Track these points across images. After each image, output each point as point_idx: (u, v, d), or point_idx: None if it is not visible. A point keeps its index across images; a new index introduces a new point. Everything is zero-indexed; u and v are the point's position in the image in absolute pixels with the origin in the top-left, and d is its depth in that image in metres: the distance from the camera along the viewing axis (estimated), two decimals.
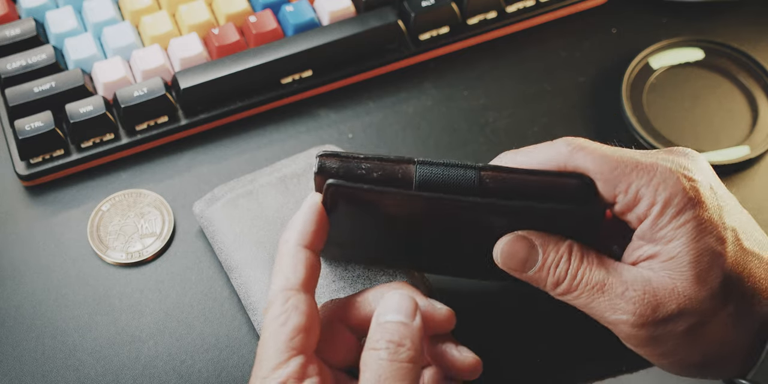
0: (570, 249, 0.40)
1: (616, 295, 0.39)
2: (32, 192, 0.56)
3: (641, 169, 0.39)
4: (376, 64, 0.60)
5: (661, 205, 0.38)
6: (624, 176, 0.39)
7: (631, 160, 0.39)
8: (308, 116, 0.59)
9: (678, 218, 0.38)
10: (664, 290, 0.38)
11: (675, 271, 0.38)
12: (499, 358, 0.50)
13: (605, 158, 0.39)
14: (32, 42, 0.58)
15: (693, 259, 0.38)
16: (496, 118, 0.59)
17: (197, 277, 0.53)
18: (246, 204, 0.51)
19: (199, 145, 0.58)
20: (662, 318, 0.38)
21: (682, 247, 0.38)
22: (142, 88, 0.55)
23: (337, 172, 0.40)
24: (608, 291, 0.39)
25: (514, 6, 0.62)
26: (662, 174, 0.39)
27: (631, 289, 0.39)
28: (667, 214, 0.38)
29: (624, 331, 0.39)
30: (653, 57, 0.61)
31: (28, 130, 0.54)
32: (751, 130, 0.58)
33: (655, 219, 0.39)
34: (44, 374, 0.49)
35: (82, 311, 0.51)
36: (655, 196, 0.38)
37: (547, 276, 0.41)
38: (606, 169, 0.39)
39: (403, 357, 0.37)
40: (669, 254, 0.39)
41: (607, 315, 0.39)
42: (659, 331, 0.39)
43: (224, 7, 0.60)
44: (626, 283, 0.39)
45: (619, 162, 0.39)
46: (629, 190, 0.39)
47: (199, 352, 0.50)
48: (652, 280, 0.39)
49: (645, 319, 0.38)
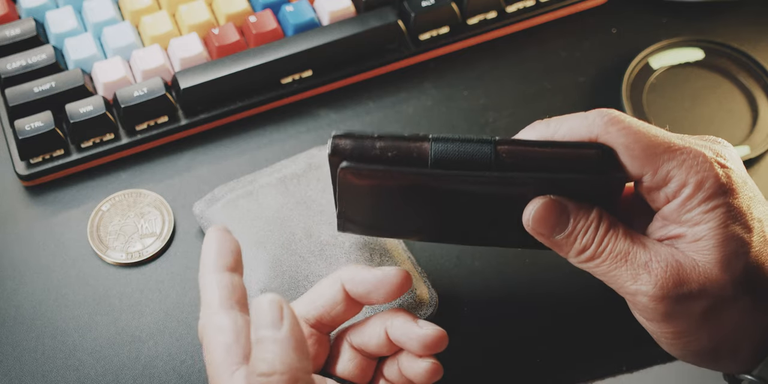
0: (599, 216, 0.40)
1: (639, 265, 0.39)
2: (32, 192, 0.56)
3: (675, 150, 0.39)
4: (376, 64, 0.60)
5: (692, 187, 0.38)
6: (656, 156, 0.39)
7: (665, 141, 0.39)
8: (308, 116, 0.59)
9: (708, 202, 0.38)
10: (688, 268, 0.38)
11: (699, 253, 0.38)
12: (499, 358, 0.50)
13: (639, 135, 0.39)
14: (32, 42, 0.58)
15: (718, 244, 0.38)
16: (496, 118, 0.59)
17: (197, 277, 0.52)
18: (246, 204, 0.51)
19: (199, 145, 0.58)
20: (683, 294, 0.38)
21: (708, 231, 0.38)
22: (142, 88, 0.55)
23: (351, 153, 0.39)
24: (632, 260, 0.39)
25: (514, 6, 0.62)
26: (696, 157, 0.39)
27: (654, 260, 0.38)
28: (697, 197, 0.38)
29: (642, 302, 0.39)
30: (653, 57, 0.61)
31: (28, 130, 0.54)
32: (751, 130, 0.58)
33: (685, 200, 0.38)
34: (44, 374, 0.49)
35: (82, 311, 0.51)
36: (686, 178, 0.38)
37: (573, 242, 0.40)
38: (638, 147, 0.39)
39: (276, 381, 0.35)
40: (695, 236, 0.39)
41: (628, 284, 0.39)
42: (677, 308, 0.39)
43: (224, 7, 0.60)
44: (650, 254, 0.39)
45: (653, 140, 0.39)
46: (660, 170, 0.39)
47: (199, 352, 0.50)
48: (677, 257, 0.39)
49: (666, 292, 0.38)
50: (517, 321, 0.51)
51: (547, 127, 0.41)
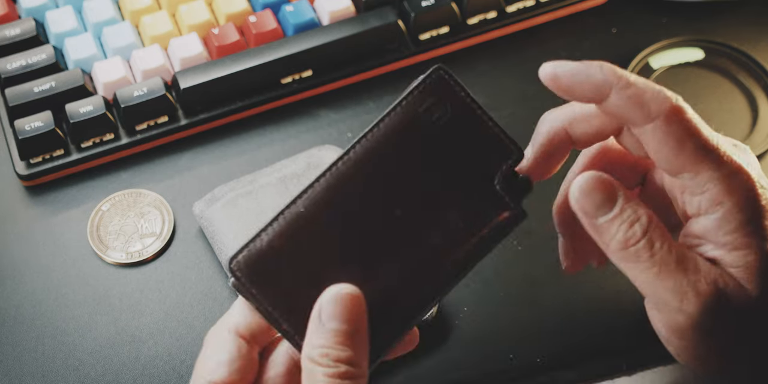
0: (651, 216, 0.37)
1: (689, 282, 0.36)
2: (32, 192, 0.56)
3: (721, 161, 0.36)
4: (376, 64, 0.60)
5: (731, 206, 0.36)
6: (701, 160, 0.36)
7: (717, 148, 0.36)
8: (308, 116, 0.59)
9: (748, 226, 0.36)
10: (735, 294, 0.36)
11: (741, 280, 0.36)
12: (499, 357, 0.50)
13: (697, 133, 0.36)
14: (32, 42, 0.58)
15: (759, 272, 0.36)
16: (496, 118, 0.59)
17: (197, 277, 0.53)
18: (246, 204, 0.51)
19: (199, 145, 0.58)
20: (725, 321, 0.36)
21: (749, 258, 0.36)
22: (142, 88, 0.55)
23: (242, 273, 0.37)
24: (681, 276, 0.36)
25: (514, 6, 0.62)
26: (740, 175, 0.36)
27: (704, 280, 0.36)
28: (736, 218, 0.36)
29: (678, 320, 0.37)
30: (653, 57, 0.61)
31: (28, 130, 0.54)
32: (751, 130, 0.58)
33: (721, 219, 0.36)
34: (44, 374, 0.49)
35: (82, 311, 0.51)
36: (725, 194, 0.36)
37: (618, 230, 0.37)
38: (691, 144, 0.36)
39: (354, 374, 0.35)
40: (733, 263, 0.36)
41: (672, 301, 0.36)
42: (714, 333, 0.37)
43: (224, 7, 0.60)
44: (700, 274, 0.36)
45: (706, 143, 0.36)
46: (699, 176, 0.36)
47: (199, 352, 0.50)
48: (725, 279, 0.36)
49: (707, 316, 0.36)
50: (517, 321, 0.51)
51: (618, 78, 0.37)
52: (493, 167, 0.38)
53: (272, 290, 0.37)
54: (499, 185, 0.38)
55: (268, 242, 0.37)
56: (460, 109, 0.38)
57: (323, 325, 0.36)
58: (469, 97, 0.39)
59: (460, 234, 0.38)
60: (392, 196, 0.38)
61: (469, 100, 0.38)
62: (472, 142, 0.38)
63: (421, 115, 0.38)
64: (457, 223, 0.38)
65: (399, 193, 0.38)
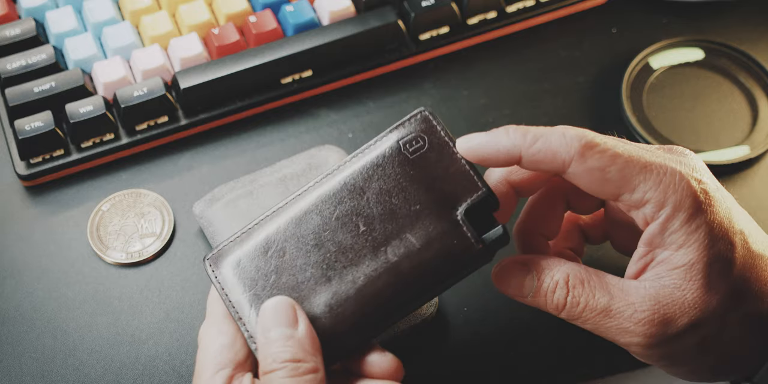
0: (566, 274, 0.40)
1: (625, 319, 0.38)
2: (32, 192, 0.56)
3: (650, 170, 0.38)
4: (376, 64, 0.60)
5: (671, 208, 0.38)
6: (632, 177, 0.38)
7: (640, 160, 0.38)
8: (308, 116, 0.59)
9: (690, 224, 0.37)
10: (674, 305, 0.38)
11: (684, 280, 0.38)
12: (499, 357, 0.50)
13: (614, 157, 0.38)
14: (32, 42, 0.58)
15: (704, 268, 0.37)
16: (496, 118, 0.59)
17: (197, 277, 0.53)
18: (246, 204, 0.51)
19: (199, 145, 0.58)
20: (674, 334, 0.38)
21: (693, 255, 0.37)
22: (142, 88, 0.55)
23: None
24: (615, 316, 0.38)
25: (514, 6, 0.62)
26: (672, 176, 0.38)
27: (639, 310, 0.38)
28: (678, 218, 0.38)
29: (638, 352, 0.39)
30: (653, 57, 0.61)
31: (28, 130, 0.54)
32: (751, 130, 0.58)
33: (665, 222, 0.38)
34: (44, 374, 0.49)
35: (82, 311, 0.51)
36: (664, 198, 0.38)
37: (545, 301, 0.40)
38: (614, 169, 0.38)
39: (303, 370, 0.37)
40: (678, 262, 0.38)
41: (618, 338, 0.39)
42: (672, 347, 0.38)
43: (224, 7, 0.60)
44: (634, 305, 0.38)
45: (628, 162, 0.38)
46: (636, 191, 0.38)
47: None
48: (660, 296, 0.38)
49: (657, 338, 0.38)
50: (517, 321, 0.51)
51: (524, 138, 0.39)
52: (459, 199, 0.40)
53: (237, 286, 0.41)
54: (460, 216, 0.40)
55: (241, 244, 0.42)
56: (437, 143, 0.41)
57: (267, 338, 0.38)
58: (447, 135, 0.42)
59: (414, 253, 0.40)
60: (359, 212, 0.41)
61: (446, 138, 0.42)
62: (443, 174, 0.41)
63: (401, 145, 0.42)
64: (413, 242, 0.40)
65: (366, 210, 0.41)
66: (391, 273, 0.40)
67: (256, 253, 0.41)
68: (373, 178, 0.41)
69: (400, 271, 0.40)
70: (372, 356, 0.40)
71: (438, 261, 0.40)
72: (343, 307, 0.40)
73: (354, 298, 0.40)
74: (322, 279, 0.40)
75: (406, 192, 0.41)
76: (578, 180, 0.39)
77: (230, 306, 0.40)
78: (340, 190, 0.41)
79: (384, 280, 0.40)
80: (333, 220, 0.41)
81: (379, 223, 0.40)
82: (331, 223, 0.41)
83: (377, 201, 0.41)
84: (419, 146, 0.41)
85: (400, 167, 0.41)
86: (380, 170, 0.41)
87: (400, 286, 0.40)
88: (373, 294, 0.40)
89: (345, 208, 0.41)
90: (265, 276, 0.41)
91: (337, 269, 0.40)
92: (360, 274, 0.40)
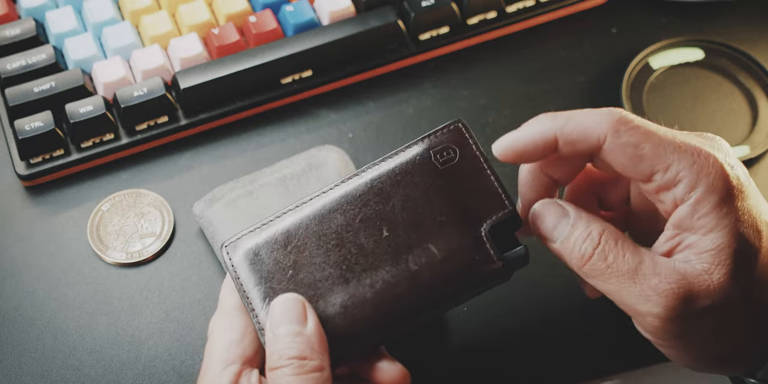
0: (603, 229, 0.39)
1: (649, 287, 0.37)
2: (32, 192, 0.56)
3: (684, 150, 0.37)
4: (376, 64, 0.60)
5: (703, 189, 0.37)
6: (666, 155, 0.37)
7: (674, 140, 0.38)
8: (308, 116, 0.59)
9: (721, 208, 0.37)
10: (699, 285, 0.37)
11: (711, 264, 0.37)
12: (499, 357, 0.50)
13: (649, 134, 0.38)
14: (32, 42, 0.58)
15: (732, 253, 0.37)
16: (496, 118, 0.59)
17: (197, 277, 0.53)
18: (246, 204, 0.51)
19: (199, 145, 0.58)
20: (694, 313, 0.37)
21: (722, 240, 0.37)
22: (142, 88, 0.55)
23: None
24: (641, 281, 0.37)
25: (514, 6, 0.62)
26: (706, 158, 0.37)
27: (665, 281, 0.37)
28: (710, 200, 0.37)
29: (651, 323, 0.38)
30: (653, 57, 0.61)
31: (28, 130, 0.54)
32: (751, 130, 0.58)
33: (696, 204, 0.37)
34: (44, 374, 0.49)
35: (82, 311, 0.51)
36: (697, 180, 0.37)
37: (572, 249, 0.39)
38: (648, 146, 0.38)
39: (309, 368, 0.37)
40: (706, 246, 0.37)
41: (637, 306, 0.38)
42: (687, 326, 0.38)
43: (224, 7, 0.60)
44: (660, 275, 0.37)
45: (663, 139, 0.38)
46: (669, 169, 0.37)
47: (199, 352, 0.50)
48: (687, 274, 0.37)
49: (676, 312, 0.37)
50: (517, 321, 0.51)
51: (554, 121, 0.39)
52: (485, 215, 0.41)
53: (253, 277, 0.40)
54: (484, 231, 0.40)
55: (262, 235, 0.41)
56: (468, 156, 0.41)
57: (275, 334, 0.38)
58: (478, 149, 0.42)
59: (435, 264, 0.40)
60: (384, 217, 0.41)
61: (477, 152, 0.42)
62: (471, 188, 0.41)
63: (432, 154, 0.41)
64: (435, 253, 0.40)
65: (391, 215, 0.41)
66: (409, 281, 0.40)
67: (276, 245, 0.41)
68: (401, 184, 0.41)
69: (418, 281, 0.40)
70: (381, 363, 0.40)
71: (458, 275, 0.40)
72: (358, 309, 0.39)
73: (370, 302, 0.39)
74: (339, 279, 0.40)
75: (433, 202, 0.41)
76: (613, 157, 0.38)
77: (244, 296, 0.40)
78: (367, 192, 0.41)
79: (402, 287, 0.40)
80: (357, 221, 0.41)
81: (403, 230, 0.40)
82: (355, 224, 0.41)
83: (403, 208, 0.41)
84: (450, 157, 0.41)
85: (429, 177, 0.41)
86: (409, 177, 0.41)
87: (416, 296, 0.40)
88: (389, 300, 0.39)
89: (370, 211, 0.41)
90: (282, 270, 0.40)
91: (356, 271, 0.40)
92: (378, 279, 0.40)
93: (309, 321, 0.38)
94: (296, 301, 0.39)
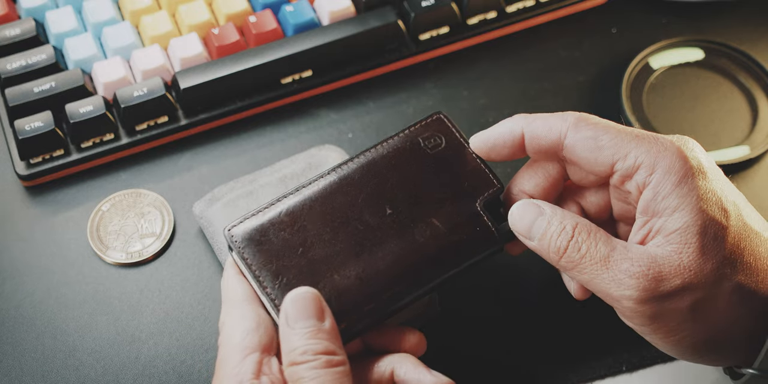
0: (576, 223, 0.41)
1: (620, 271, 0.39)
2: (32, 192, 0.56)
3: (642, 138, 0.40)
4: (376, 64, 0.60)
5: (662, 171, 0.39)
6: (623, 144, 0.40)
7: (632, 132, 0.41)
8: (308, 116, 0.59)
9: (681, 186, 0.38)
10: (669, 266, 0.38)
11: (680, 244, 0.38)
12: (499, 357, 0.50)
13: (607, 128, 0.41)
14: (32, 42, 0.58)
15: (698, 231, 0.38)
16: (496, 118, 0.59)
17: (197, 277, 0.53)
18: (246, 204, 0.51)
19: (199, 145, 0.58)
20: (666, 292, 0.38)
21: (686, 218, 0.38)
22: (142, 88, 0.55)
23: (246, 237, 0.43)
24: (612, 266, 0.39)
25: (514, 6, 0.62)
26: (663, 144, 0.39)
27: (636, 264, 0.38)
28: (669, 180, 0.39)
29: (628, 307, 0.39)
30: (653, 57, 0.61)
31: (28, 130, 0.54)
32: (751, 130, 0.58)
33: (656, 186, 0.39)
34: (44, 374, 0.49)
35: (82, 311, 0.51)
36: (655, 163, 0.39)
37: (548, 245, 0.41)
38: (606, 137, 0.40)
39: (335, 362, 0.38)
40: (673, 226, 0.38)
41: (611, 291, 0.39)
42: (664, 307, 0.39)
43: (224, 7, 0.60)
44: (631, 259, 0.39)
45: (620, 131, 0.40)
46: (628, 157, 0.40)
47: (199, 352, 0.50)
48: (657, 257, 0.38)
49: (649, 293, 0.38)
50: (517, 321, 0.51)
51: (524, 119, 0.43)
52: (477, 192, 0.44)
53: (262, 257, 0.42)
54: (479, 206, 0.44)
55: (265, 217, 0.43)
56: (453, 143, 0.45)
57: (292, 329, 0.39)
58: (462, 136, 0.45)
59: (441, 236, 0.43)
60: (385, 196, 0.44)
61: (461, 139, 0.45)
62: (460, 169, 0.45)
63: (420, 141, 0.45)
64: (439, 227, 0.43)
65: (391, 195, 0.44)
66: (418, 252, 0.42)
67: (282, 225, 0.42)
68: (396, 167, 0.44)
69: (427, 251, 0.43)
70: (397, 331, 0.43)
71: (461, 245, 0.43)
72: (373, 280, 0.42)
73: (384, 273, 0.42)
74: (351, 253, 0.42)
75: (429, 182, 0.44)
76: (575, 152, 0.41)
77: (254, 277, 0.41)
78: (365, 175, 0.44)
79: (413, 258, 0.42)
80: (360, 201, 0.43)
81: (405, 208, 0.43)
82: (358, 203, 0.43)
83: (401, 187, 0.44)
84: (437, 144, 0.45)
85: (421, 160, 0.44)
86: (403, 160, 0.44)
87: (425, 266, 0.42)
88: (401, 270, 0.42)
89: (371, 191, 0.44)
90: (292, 248, 0.42)
91: (366, 246, 0.42)
92: (389, 252, 0.42)
93: (327, 317, 0.39)
94: (313, 294, 0.40)
